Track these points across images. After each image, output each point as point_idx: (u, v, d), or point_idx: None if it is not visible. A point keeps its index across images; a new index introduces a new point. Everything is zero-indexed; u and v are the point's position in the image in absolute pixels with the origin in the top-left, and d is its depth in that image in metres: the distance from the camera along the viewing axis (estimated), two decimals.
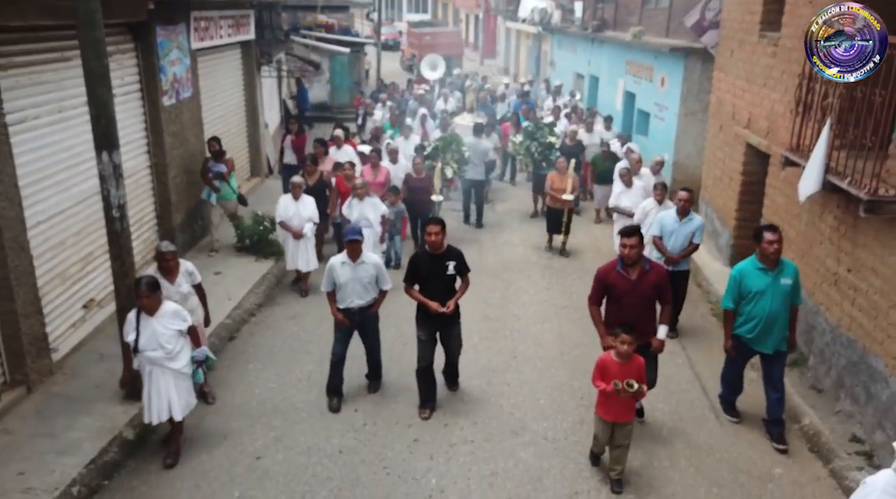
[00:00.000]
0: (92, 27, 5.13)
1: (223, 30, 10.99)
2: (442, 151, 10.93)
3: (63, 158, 6.74)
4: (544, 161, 11.66)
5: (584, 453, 5.66)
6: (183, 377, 5.35)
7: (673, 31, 13.41)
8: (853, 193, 5.51)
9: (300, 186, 8.60)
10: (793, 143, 6.85)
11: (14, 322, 5.83)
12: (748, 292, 5.77)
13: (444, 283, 6.00)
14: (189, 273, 5.97)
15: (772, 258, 5.64)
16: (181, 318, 5.28)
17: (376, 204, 8.73)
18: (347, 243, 6.10)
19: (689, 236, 7.50)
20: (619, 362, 5.04)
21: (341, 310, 6.21)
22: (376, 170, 10.08)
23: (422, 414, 6.19)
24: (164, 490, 5.17)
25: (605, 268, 5.76)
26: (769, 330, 5.74)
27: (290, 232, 8.48)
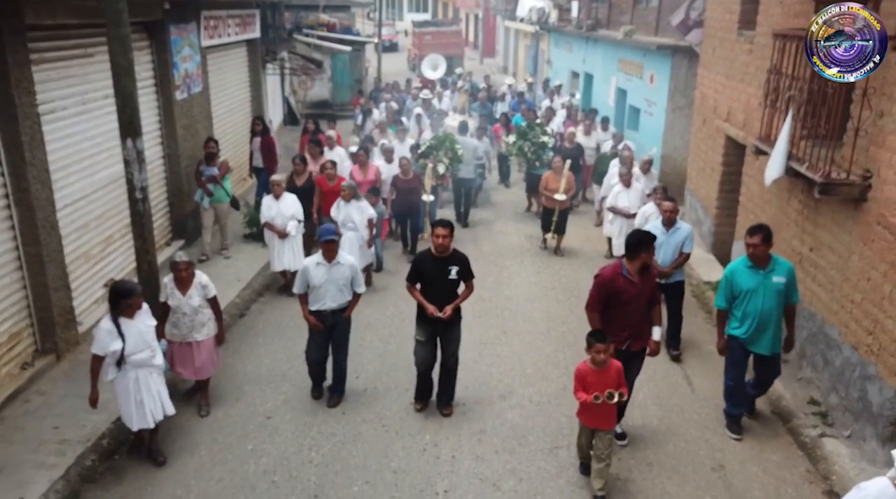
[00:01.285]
0: (119, 25, 5.66)
1: (231, 28, 11.54)
2: (436, 149, 11.00)
3: (86, 146, 7.29)
4: (538, 161, 11.75)
5: (566, 415, 6.20)
6: (156, 373, 5.29)
7: (662, 29, 13.94)
8: (810, 177, 6.05)
9: (280, 184, 8.53)
10: (762, 133, 7.38)
11: (45, 295, 6.38)
12: (739, 291, 5.78)
13: (445, 286, 5.89)
14: (203, 286, 5.88)
15: (754, 259, 5.69)
16: (147, 313, 5.24)
17: (363, 207, 8.54)
18: (323, 244, 5.97)
19: (678, 247, 7.24)
20: (596, 370, 5.02)
21: (313, 312, 6.08)
22: (365, 169, 10.00)
23: (416, 405, 6.30)
24: (185, 441, 5.73)
25: (609, 274, 5.42)
26: (763, 329, 5.75)
27: (274, 232, 8.42)
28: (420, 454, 5.72)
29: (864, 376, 5.64)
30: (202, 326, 5.91)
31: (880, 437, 5.37)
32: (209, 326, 5.98)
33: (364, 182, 9.65)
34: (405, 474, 5.45)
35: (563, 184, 10.16)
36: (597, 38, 17.79)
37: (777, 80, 6.96)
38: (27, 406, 5.88)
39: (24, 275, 6.27)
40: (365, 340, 7.51)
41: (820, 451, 5.70)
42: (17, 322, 6.23)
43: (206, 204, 9.28)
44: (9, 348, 6.09)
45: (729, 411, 6.12)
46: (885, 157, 5.47)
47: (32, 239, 6.18)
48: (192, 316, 5.82)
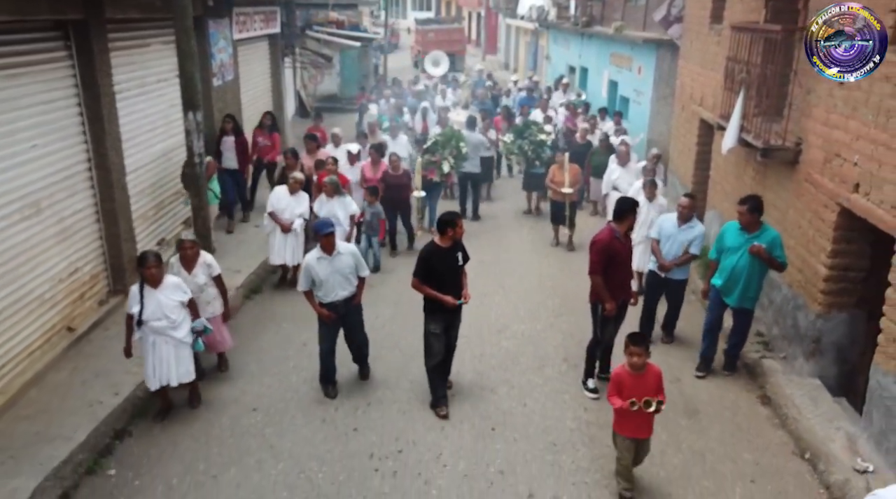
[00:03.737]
0: (184, 17, 6.91)
1: (257, 23, 12.79)
2: (441, 146, 10.88)
3: (145, 123, 8.56)
4: (537, 159, 11.67)
5: (552, 345, 7.46)
6: (183, 346, 5.75)
7: (649, 25, 15.15)
8: (755, 145, 7.27)
9: (300, 181, 8.51)
10: (723, 111, 8.60)
11: (117, 244, 7.63)
12: (724, 247, 6.61)
13: (456, 275, 6.04)
14: (208, 265, 6.17)
15: (745, 227, 6.44)
16: (182, 290, 5.67)
17: (346, 203, 8.48)
18: (322, 237, 6.07)
19: (685, 244, 7.22)
20: (633, 375, 4.87)
21: (326, 305, 6.22)
22: (376, 166, 10.01)
23: (440, 411, 6.19)
24: (236, 359, 6.98)
25: (606, 238, 6.21)
26: (734, 284, 6.51)
27: (278, 224, 8.36)
28: None
29: (795, 307, 6.87)
30: (207, 304, 6.24)
31: (805, 353, 6.61)
32: (214, 304, 6.32)
33: (374, 179, 9.78)
34: (418, 385, 6.69)
35: (567, 177, 10.30)
36: (591, 34, 19.01)
37: (733, 66, 8.18)
38: (107, 333, 7.12)
39: (101, 227, 7.51)
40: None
41: (759, 369, 6.94)
42: (96, 266, 7.48)
43: None
44: (90, 287, 7.35)
45: (703, 353, 6.95)
46: (811, 126, 6.69)
47: (108, 197, 7.43)
48: (197, 294, 6.07)
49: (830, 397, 6.31)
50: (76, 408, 5.92)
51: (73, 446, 5.40)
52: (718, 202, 9.71)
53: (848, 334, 6.41)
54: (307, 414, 6.20)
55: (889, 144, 5.28)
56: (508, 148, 12.01)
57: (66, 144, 6.91)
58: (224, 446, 5.80)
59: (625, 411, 4.83)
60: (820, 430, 5.82)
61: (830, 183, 6.22)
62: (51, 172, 6.64)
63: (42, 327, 6.58)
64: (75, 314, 7.08)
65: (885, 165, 5.32)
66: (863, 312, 6.27)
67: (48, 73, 6.60)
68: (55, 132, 6.70)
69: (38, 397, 6.08)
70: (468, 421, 6.17)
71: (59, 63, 6.78)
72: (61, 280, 6.86)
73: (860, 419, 5.76)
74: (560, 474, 5.51)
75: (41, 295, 6.55)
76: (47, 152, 6.57)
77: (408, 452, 5.77)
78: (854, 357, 6.44)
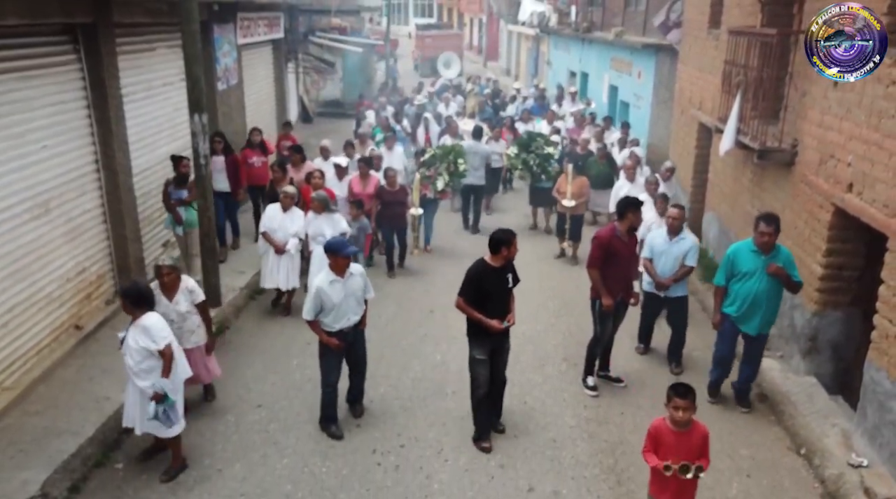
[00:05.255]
0: (191, 21, 7.05)
1: (260, 29, 12.96)
2: (439, 159, 10.36)
3: (151, 125, 8.70)
4: (543, 173, 11.10)
5: (552, 343, 7.56)
6: (147, 397, 5.04)
7: (648, 30, 15.30)
8: (752, 147, 7.39)
9: (292, 196, 7.96)
10: (721, 114, 8.72)
11: (124, 246, 7.75)
12: (738, 272, 6.05)
13: (505, 297, 5.62)
14: (190, 291, 5.65)
15: (762, 246, 5.92)
16: (150, 337, 4.94)
17: (335, 220, 7.89)
18: (343, 259, 5.59)
19: (680, 258, 6.91)
20: (676, 432, 4.20)
21: (334, 333, 5.71)
22: (365, 180, 9.42)
23: (483, 444, 5.80)
24: (240, 358, 7.08)
25: (606, 235, 6.34)
26: (754, 311, 6.03)
27: (272, 245, 7.91)
28: (432, 369, 7.07)
29: (791, 306, 6.96)
30: (191, 333, 5.71)
31: (801, 351, 6.71)
32: (198, 333, 5.77)
33: (363, 195, 9.18)
34: (420, 382, 6.79)
35: (569, 188, 9.97)
36: (592, 39, 19.15)
37: (731, 69, 8.31)
38: (114, 331, 7.07)
39: (108, 227, 7.64)
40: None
41: None
42: (103, 266, 7.60)
43: (179, 231, 8.35)
44: (97, 286, 7.47)
45: (711, 380, 6.50)
46: (807, 127, 6.80)
47: (115, 198, 7.56)
48: (179, 323, 5.57)
49: (826, 394, 6.41)
50: (84, 403, 6.03)
51: (81, 441, 5.51)
52: (716, 205, 9.82)
53: (843, 332, 6.51)
54: (311, 411, 6.28)
55: (881, 143, 5.39)
56: (513, 162, 11.37)
57: (75, 145, 7.04)
58: (229, 441, 5.90)
59: (661, 473, 4.14)
60: (815, 426, 5.92)
61: (825, 183, 6.33)
62: (60, 172, 6.77)
63: (50, 325, 6.70)
64: (82, 313, 7.20)
65: (877, 164, 5.44)
66: (858, 310, 6.36)
67: (58, 75, 6.75)
68: (64, 134, 6.84)
69: (47, 392, 6.20)
70: (469, 418, 6.25)
71: (69, 66, 6.93)
72: (69, 279, 6.98)
73: (855, 415, 5.85)
74: (560, 469, 5.61)
75: (50, 294, 6.68)
76: (57, 153, 6.71)
77: (410, 447, 5.87)
78: (850, 355, 6.53)
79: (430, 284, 9.44)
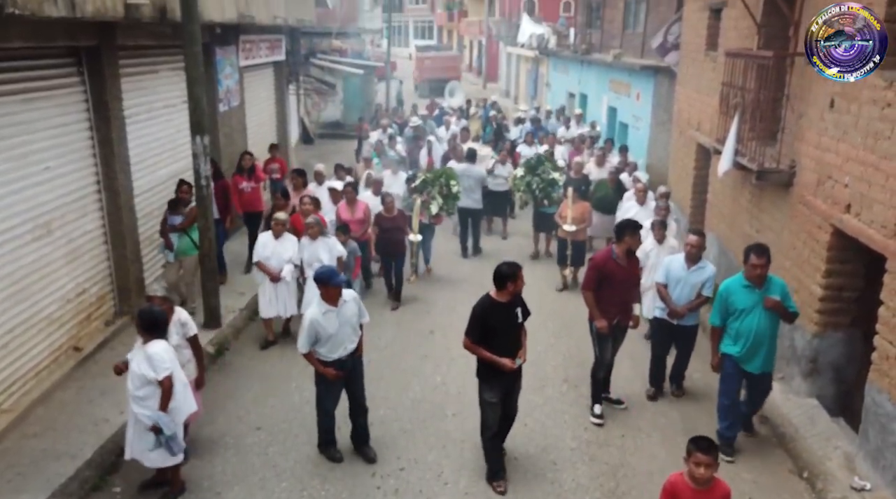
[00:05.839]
0: (193, 44, 7.13)
1: (262, 51, 13.06)
2: (430, 184, 10.18)
3: (153, 147, 8.75)
4: (546, 198, 10.88)
5: (551, 364, 7.52)
6: (143, 426, 4.96)
7: (647, 52, 15.46)
8: (750, 168, 7.43)
9: (284, 222, 7.78)
10: (719, 135, 8.77)
11: (124, 266, 7.76)
12: (735, 310, 5.78)
13: (515, 334, 5.34)
14: (182, 323, 5.52)
15: (754, 279, 5.69)
16: (152, 365, 4.86)
17: (331, 245, 7.70)
18: (332, 288, 5.42)
19: (697, 287, 6.65)
20: (695, 490, 3.98)
21: (332, 363, 5.56)
22: (353, 206, 9.09)
23: (497, 487, 5.54)
24: (240, 379, 7.05)
25: (602, 258, 6.30)
26: (757, 349, 5.77)
27: (267, 274, 7.69)
28: (432, 391, 7.05)
29: (792, 327, 6.92)
30: (181, 367, 5.38)
31: (802, 373, 6.69)
32: (188, 368, 5.60)
33: (352, 221, 8.83)
34: (420, 403, 6.77)
35: (570, 213, 9.76)
36: (590, 61, 19.33)
37: (728, 91, 8.38)
38: (114, 353, 7.20)
39: (109, 248, 7.65)
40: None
41: None
42: (103, 287, 7.60)
43: (170, 257, 8.14)
44: (97, 307, 7.46)
45: (722, 433, 6.01)
46: (804, 149, 6.85)
47: (117, 218, 7.59)
48: None
49: (828, 416, 6.38)
50: (83, 426, 6.00)
51: (79, 464, 5.48)
52: (716, 225, 9.85)
53: (844, 354, 6.49)
54: (310, 433, 6.25)
55: (877, 165, 5.42)
56: (517, 184, 11.20)
57: (77, 166, 7.09)
58: (228, 464, 5.86)
59: None
60: (818, 449, 5.89)
61: (823, 204, 6.36)
62: (62, 193, 6.80)
63: (50, 347, 6.69)
64: (82, 334, 7.19)
65: (874, 185, 5.47)
66: (859, 331, 6.36)
67: (61, 97, 6.81)
68: (67, 155, 6.89)
69: (46, 415, 6.17)
70: (469, 440, 6.23)
71: (72, 88, 6.99)
72: (69, 300, 6.98)
73: (857, 438, 5.82)
74: (560, 492, 5.57)
75: (50, 315, 6.67)
76: (59, 174, 6.75)
77: (409, 470, 5.84)
78: (851, 377, 6.51)
79: (430, 305, 9.43)
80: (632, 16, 17.76)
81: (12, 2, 4.80)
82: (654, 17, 15.70)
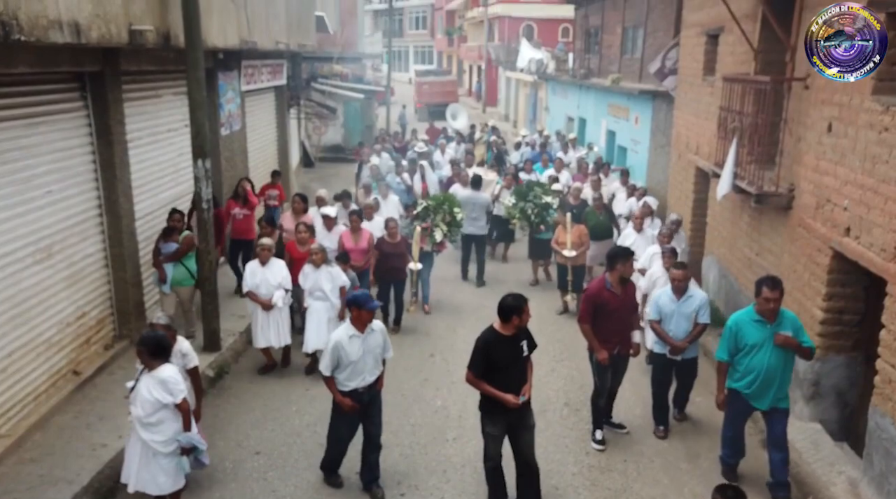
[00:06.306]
0: (196, 69, 7.20)
1: (264, 75, 13.19)
2: (433, 211, 10.02)
3: (154, 170, 8.78)
4: (542, 224, 10.79)
5: (553, 389, 7.47)
6: (153, 452, 4.92)
7: (645, 76, 15.61)
8: (748, 190, 7.46)
9: (269, 248, 7.58)
10: (717, 159, 8.83)
11: (124, 290, 7.75)
12: (744, 345, 5.53)
13: (520, 368, 5.20)
14: (183, 354, 5.42)
15: (766, 313, 5.42)
16: (167, 389, 4.82)
17: (334, 274, 7.54)
18: (368, 312, 5.35)
19: (692, 317, 6.58)
20: None
21: (348, 392, 5.44)
22: (357, 235, 8.82)
23: None
24: (240, 403, 7.00)
25: (595, 289, 6.24)
26: (768, 385, 5.51)
27: (258, 303, 7.51)
28: (433, 414, 7.01)
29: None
30: None
31: (805, 397, 6.65)
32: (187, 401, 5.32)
33: (355, 250, 8.63)
34: (421, 428, 6.72)
35: (568, 238, 9.69)
36: (589, 85, 19.51)
37: (726, 115, 8.45)
38: (112, 377, 7.17)
39: (109, 272, 7.65)
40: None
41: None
42: (103, 310, 7.58)
43: (165, 288, 7.86)
44: (97, 331, 7.44)
45: (725, 460, 5.99)
46: (803, 172, 6.89)
47: (117, 242, 7.59)
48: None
49: (831, 440, 6.33)
50: (81, 451, 5.95)
51: (76, 489, 5.42)
52: (715, 248, 9.87)
53: (846, 377, 6.46)
54: (310, 458, 6.21)
55: (876, 188, 5.45)
56: (510, 211, 11.08)
57: (80, 190, 7.11)
58: (227, 489, 5.81)
59: None
60: (822, 474, 5.84)
61: (823, 227, 6.38)
62: (63, 217, 6.82)
63: (48, 371, 6.65)
64: (81, 358, 7.16)
65: (873, 208, 5.49)
66: (860, 354, 6.34)
67: (65, 121, 6.85)
68: (69, 179, 6.91)
69: (43, 439, 6.12)
70: (469, 465, 6.19)
71: (76, 113, 7.04)
72: (69, 324, 6.96)
73: (861, 463, 5.77)
74: None
75: (49, 339, 6.65)
76: (61, 198, 6.77)
77: (410, 495, 5.79)
78: (854, 400, 6.48)
79: (429, 328, 9.41)
80: (629, 41, 17.97)
81: (19, 28, 4.85)
82: (651, 42, 15.89)
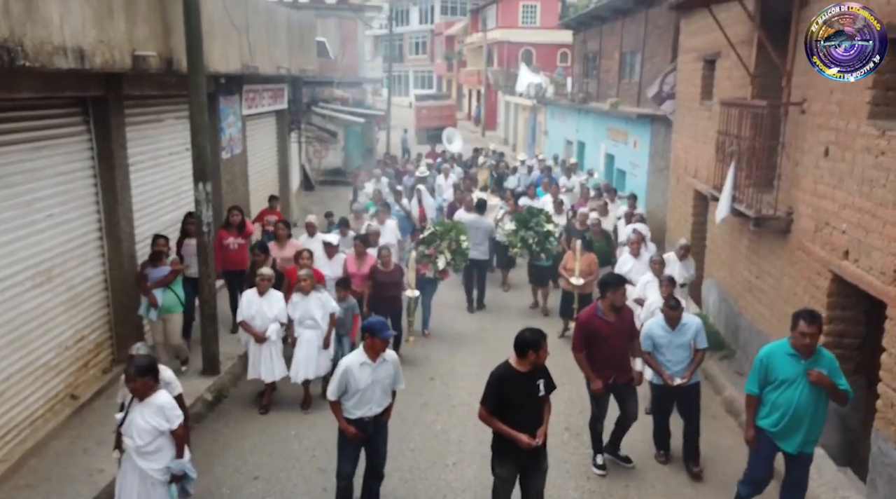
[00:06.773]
0: (198, 94, 7.27)
1: (265, 100, 13.30)
2: (440, 237, 9.78)
3: (155, 194, 8.82)
4: (542, 252, 10.62)
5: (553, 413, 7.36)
6: (153, 484, 4.83)
7: (643, 101, 15.75)
8: (747, 214, 7.49)
9: (269, 278, 7.42)
10: (716, 182, 8.88)
11: (124, 313, 7.74)
12: (774, 379, 5.13)
13: (536, 407, 4.97)
14: (167, 383, 5.20)
15: (803, 350, 5.02)
16: (164, 416, 4.75)
17: (324, 300, 7.40)
18: (382, 341, 5.23)
19: (689, 345, 6.37)
20: None
21: (353, 421, 5.31)
22: (361, 260, 8.72)
23: None
24: (238, 427, 6.95)
25: (586, 316, 6.12)
26: (796, 426, 5.09)
27: (251, 335, 7.37)
28: (432, 439, 6.95)
29: None
30: None
31: None
32: None
33: (357, 275, 8.56)
34: (421, 453, 6.66)
35: (577, 265, 9.43)
36: (588, 109, 19.69)
37: (724, 139, 8.51)
38: (110, 401, 7.08)
39: (108, 295, 7.64)
40: None
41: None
42: (101, 334, 7.56)
43: (152, 316, 7.56)
44: (95, 354, 7.41)
45: (743, 494, 5.62)
46: (801, 196, 6.93)
47: (117, 265, 7.60)
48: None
49: (835, 465, 6.28)
50: (77, 476, 5.90)
51: None
52: (715, 271, 9.88)
53: (849, 402, 6.41)
54: (308, 482, 6.16)
55: (874, 212, 5.48)
56: (510, 239, 10.83)
57: (80, 213, 7.13)
58: None
59: None
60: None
61: (822, 251, 6.40)
62: (64, 240, 6.83)
63: (46, 395, 6.62)
64: (79, 382, 7.12)
65: (871, 232, 5.51)
66: (861, 378, 6.31)
67: (67, 146, 6.90)
68: (71, 202, 6.94)
69: (40, 465, 6.07)
70: (469, 490, 6.14)
71: (78, 137, 7.09)
72: (67, 348, 6.94)
73: (865, 488, 5.73)
74: None
75: (47, 362, 6.62)
76: (62, 221, 6.79)
77: None
78: (856, 425, 6.44)
79: (430, 352, 9.37)
80: (627, 66, 18.17)
81: (24, 54, 4.90)
82: (649, 67, 16.07)
